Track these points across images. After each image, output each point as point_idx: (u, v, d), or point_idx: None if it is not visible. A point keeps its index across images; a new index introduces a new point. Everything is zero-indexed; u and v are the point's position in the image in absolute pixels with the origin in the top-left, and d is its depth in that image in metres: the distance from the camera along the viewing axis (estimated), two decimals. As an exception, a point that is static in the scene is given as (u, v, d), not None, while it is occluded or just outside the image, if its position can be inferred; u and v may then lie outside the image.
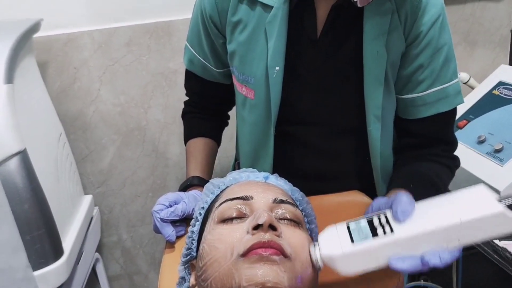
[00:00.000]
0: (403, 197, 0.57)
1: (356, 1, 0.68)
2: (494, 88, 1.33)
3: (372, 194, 0.87)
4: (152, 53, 1.39)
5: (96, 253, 1.38)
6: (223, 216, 0.59)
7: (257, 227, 0.55)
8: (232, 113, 1.03)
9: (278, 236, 0.55)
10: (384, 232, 0.55)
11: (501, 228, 0.53)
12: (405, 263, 0.54)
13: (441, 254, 0.53)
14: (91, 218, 1.33)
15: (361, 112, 0.80)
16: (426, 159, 0.83)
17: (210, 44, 0.87)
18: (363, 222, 0.57)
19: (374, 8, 0.73)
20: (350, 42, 0.77)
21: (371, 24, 0.74)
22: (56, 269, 0.99)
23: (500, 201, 0.53)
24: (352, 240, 0.55)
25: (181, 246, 0.70)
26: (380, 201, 0.64)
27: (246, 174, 0.69)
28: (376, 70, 0.76)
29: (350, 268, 0.56)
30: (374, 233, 0.55)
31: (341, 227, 0.58)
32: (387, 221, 0.56)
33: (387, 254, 0.54)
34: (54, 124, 1.22)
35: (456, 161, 0.86)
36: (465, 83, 1.41)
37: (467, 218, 0.52)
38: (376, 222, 0.57)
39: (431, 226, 0.53)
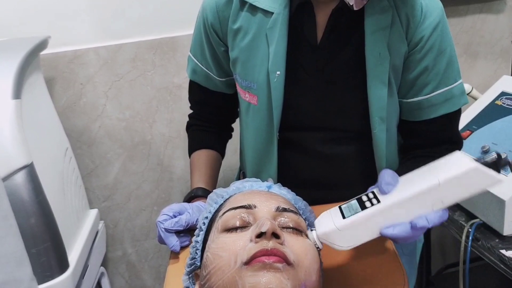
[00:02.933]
0: (386, 172, 0.60)
1: (352, 4, 0.69)
2: (496, 98, 1.33)
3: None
4: (157, 69, 1.41)
5: (101, 267, 1.38)
6: (227, 225, 0.60)
7: (260, 235, 0.55)
8: (235, 125, 1.04)
9: (281, 244, 0.55)
10: (372, 204, 0.58)
11: (479, 184, 0.56)
12: (396, 229, 0.57)
13: (427, 216, 0.57)
14: (97, 232, 1.34)
15: (364, 116, 0.80)
16: (430, 157, 0.83)
17: (212, 53, 0.89)
18: (353, 201, 0.61)
19: (373, 7, 0.74)
20: (351, 46, 0.78)
21: (371, 20, 0.75)
22: (61, 283, 0.99)
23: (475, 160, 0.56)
24: (343, 217, 0.59)
25: (185, 257, 0.70)
26: (371, 186, 0.66)
27: (249, 184, 0.70)
28: (379, 71, 0.77)
29: (346, 242, 0.60)
30: (363, 207, 0.59)
31: (334, 209, 0.62)
32: (375, 196, 0.60)
33: (378, 224, 0.58)
34: (61, 138, 1.23)
35: None
36: (467, 94, 1.42)
37: (445, 178, 0.55)
38: (364, 198, 0.61)
39: (413, 191, 0.57)
